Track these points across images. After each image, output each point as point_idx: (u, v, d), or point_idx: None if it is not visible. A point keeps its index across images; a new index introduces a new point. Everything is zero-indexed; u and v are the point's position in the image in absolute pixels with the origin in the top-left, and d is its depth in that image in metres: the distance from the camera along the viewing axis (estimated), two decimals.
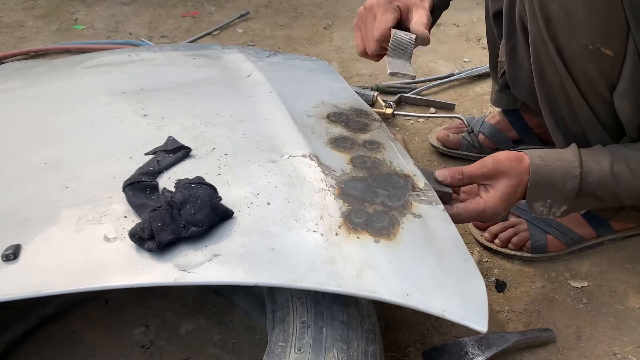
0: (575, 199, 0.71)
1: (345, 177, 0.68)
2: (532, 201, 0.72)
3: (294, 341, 0.56)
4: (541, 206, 0.73)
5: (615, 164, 0.70)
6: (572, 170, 0.70)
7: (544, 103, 0.79)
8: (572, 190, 0.71)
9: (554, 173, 0.70)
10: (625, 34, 0.64)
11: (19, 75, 1.08)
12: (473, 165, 0.72)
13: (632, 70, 0.66)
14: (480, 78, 1.48)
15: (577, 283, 0.89)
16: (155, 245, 0.54)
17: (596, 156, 0.71)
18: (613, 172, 0.70)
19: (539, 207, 0.73)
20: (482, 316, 0.52)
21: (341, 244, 0.57)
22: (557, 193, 0.71)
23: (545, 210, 0.73)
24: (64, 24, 1.89)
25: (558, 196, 0.72)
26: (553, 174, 0.70)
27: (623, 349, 0.78)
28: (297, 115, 0.80)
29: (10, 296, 0.51)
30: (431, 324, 0.82)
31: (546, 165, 0.71)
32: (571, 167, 0.70)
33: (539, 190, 0.71)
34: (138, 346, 0.78)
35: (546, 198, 0.72)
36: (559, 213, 0.73)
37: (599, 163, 0.70)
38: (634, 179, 0.70)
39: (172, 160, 0.68)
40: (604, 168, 0.70)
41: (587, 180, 0.70)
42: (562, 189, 0.71)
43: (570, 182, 0.70)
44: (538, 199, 0.72)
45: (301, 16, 1.94)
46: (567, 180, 0.70)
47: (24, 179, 0.68)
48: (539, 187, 0.71)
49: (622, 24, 0.63)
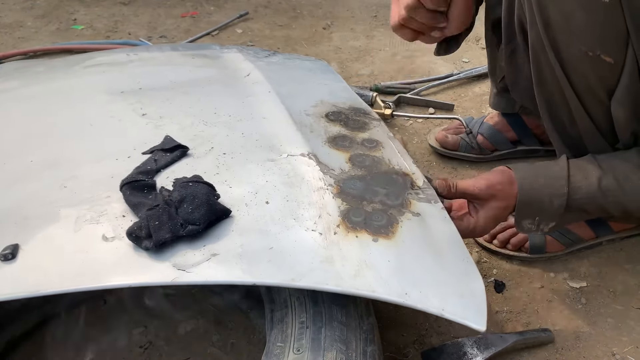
0: (563, 214, 0.73)
1: (344, 176, 0.68)
2: (520, 219, 0.74)
3: (292, 341, 0.56)
4: (529, 224, 0.74)
5: (603, 179, 0.71)
6: (559, 189, 0.71)
7: (543, 107, 0.79)
8: (559, 208, 0.72)
9: (542, 192, 0.72)
10: (625, 41, 0.64)
11: (18, 75, 1.08)
12: (467, 182, 0.74)
13: (629, 77, 0.66)
14: (479, 78, 1.48)
15: (576, 283, 0.89)
16: (153, 244, 0.54)
17: (584, 171, 0.72)
18: (601, 187, 0.71)
19: (527, 225, 0.74)
20: (481, 315, 0.52)
21: (340, 243, 0.57)
22: (545, 211, 0.72)
23: (533, 227, 0.75)
24: (63, 24, 1.88)
25: (546, 214, 0.73)
26: (541, 194, 0.72)
27: (622, 350, 0.78)
28: (296, 115, 0.80)
29: (9, 296, 0.51)
30: (430, 324, 0.82)
31: (534, 187, 0.72)
32: (559, 185, 0.71)
33: (527, 210, 0.73)
34: (136, 346, 0.78)
35: (534, 216, 0.73)
36: (547, 229, 0.75)
37: (587, 179, 0.71)
38: (622, 192, 0.71)
39: (169, 159, 0.68)
40: (592, 184, 0.71)
41: (575, 197, 0.71)
42: (550, 207, 0.72)
43: (558, 200, 0.71)
44: (526, 217, 0.74)
45: (300, 16, 1.94)
46: (554, 198, 0.71)
47: (23, 178, 0.68)
48: (527, 207, 0.72)
49: (622, 31, 0.63)
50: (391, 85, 1.43)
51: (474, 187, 0.73)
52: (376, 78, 1.51)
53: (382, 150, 0.74)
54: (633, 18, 0.61)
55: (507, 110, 1.13)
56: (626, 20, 0.62)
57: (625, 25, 0.62)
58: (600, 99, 0.71)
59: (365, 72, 1.55)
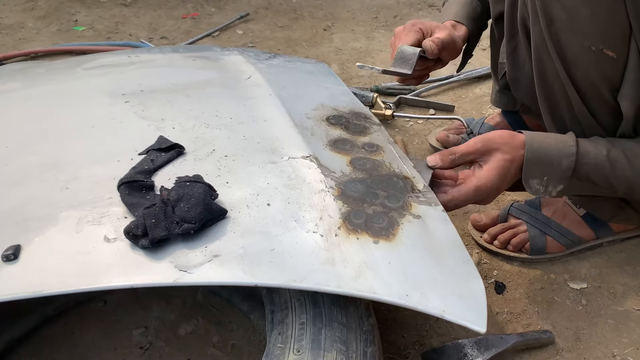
0: (571, 179, 0.72)
1: (344, 179, 0.68)
2: (528, 178, 0.72)
3: (292, 342, 0.56)
4: (537, 184, 0.73)
5: (612, 150, 0.71)
6: (568, 149, 0.71)
7: (544, 104, 0.79)
8: (567, 169, 0.71)
9: (550, 150, 0.71)
10: (628, 35, 0.64)
11: (19, 77, 1.08)
12: (465, 143, 0.73)
13: (634, 72, 0.67)
14: (479, 79, 1.49)
15: (577, 285, 0.89)
16: (149, 242, 0.54)
17: (593, 141, 0.72)
18: (610, 158, 0.71)
19: (536, 185, 0.73)
20: (481, 317, 0.52)
21: (341, 244, 0.57)
22: (554, 171, 0.71)
23: (541, 189, 0.73)
24: (64, 25, 1.89)
25: (554, 174, 0.72)
26: (549, 151, 0.71)
27: (622, 351, 0.78)
28: (297, 118, 0.81)
29: (10, 296, 0.51)
30: (430, 325, 0.82)
31: (542, 143, 0.71)
32: (567, 145, 0.71)
33: (535, 166, 0.71)
34: (137, 347, 0.78)
35: (542, 175, 0.72)
36: (555, 192, 0.73)
37: (596, 147, 0.71)
38: (630, 167, 0.71)
39: (165, 158, 0.69)
40: (601, 152, 0.71)
41: (584, 161, 0.71)
42: (558, 167, 0.71)
43: (566, 160, 0.71)
44: (534, 175, 0.72)
45: (301, 18, 1.94)
46: (563, 158, 0.71)
47: (24, 179, 0.68)
48: (535, 164, 0.71)
49: (625, 26, 0.63)
50: (392, 87, 1.43)
51: (475, 144, 0.71)
52: (377, 79, 1.52)
53: (382, 154, 0.75)
54: (636, 12, 0.62)
55: (509, 108, 1.13)
56: (629, 14, 0.62)
57: (628, 20, 0.63)
58: (602, 96, 0.71)
59: (366, 73, 1.55)
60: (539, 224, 0.92)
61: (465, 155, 0.72)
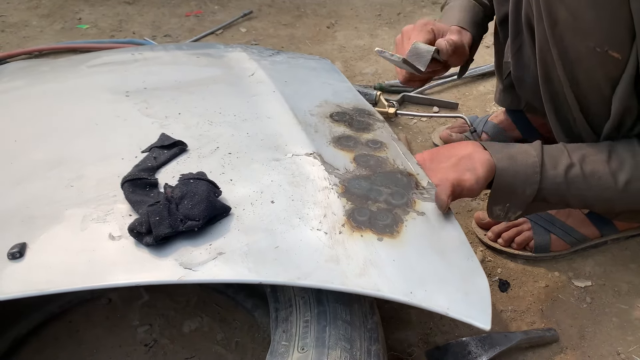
0: (530, 204, 0.72)
1: (348, 176, 0.68)
2: (492, 204, 0.73)
3: (297, 340, 0.56)
4: (499, 210, 0.73)
5: (571, 169, 0.70)
6: (533, 177, 0.70)
7: (549, 104, 0.79)
8: (530, 196, 0.71)
9: (518, 178, 0.70)
10: (632, 37, 0.64)
11: (23, 75, 1.08)
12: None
13: (630, 73, 0.66)
14: (483, 77, 1.48)
15: (581, 283, 0.88)
16: (153, 239, 0.54)
17: (555, 157, 0.71)
18: (567, 178, 0.70)
19: (497, 211, 0.73)
20: (486, 314, 0.52)
21: (345, 242, 0.57)
22: (517, 198, 0.71)
23: (502, 214, 0.73)
24: (67, 23, 1.89)
25: (517, 202, 0.72)
26: (516, 180, 0.70)
27: (627, 349, 0.78)
28: (301, 115, 0.81)
29: (16, 294, 0.52)
30: (434, 323, 0.82)
31: (510, 168, 0.70)
32: (533, 172, 0.70)
33: (500, 195, 0.71)
34: (141, 345, 0.79)
35: (505, 203, 0.72)
36: (513, 218, 0.74)
37: (555, 168, 0.70)
38: (586, 186, 0.70)
39: (168, 156, 0.69)
40: (559, 174, 0.70)
41: (543, 185, 0.70)
42: (522, 195, 0.71)
43: (530, 188, 0.70)
44: (498, 202, 0.72)
45: (304, 15, 1.94)
46: (527, 186, 0.70)
47: (29, 177, 0.68)
48: (501, 193, 0.71)
49: (630, 28, 0.63)
50: (395, 84, 1.43)
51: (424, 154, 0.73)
52: (380, 77, 1.51)
53: (386, 150, 0.74)
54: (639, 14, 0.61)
55: (513, 107, 1.12)
56: (633, 17, 0.62)
57: (632, 22, 0.62)
58: (604, 97, 0.71)
59: (369, 70, 1.55)
60: (543, 222, 0.92)
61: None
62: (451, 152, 0.72)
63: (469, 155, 0.69)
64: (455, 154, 0.71)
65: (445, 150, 0.73)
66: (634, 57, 0.65)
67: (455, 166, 0.69)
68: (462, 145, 0.72)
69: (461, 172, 0.67)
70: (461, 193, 0.67)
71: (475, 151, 0.70)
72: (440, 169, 0.70)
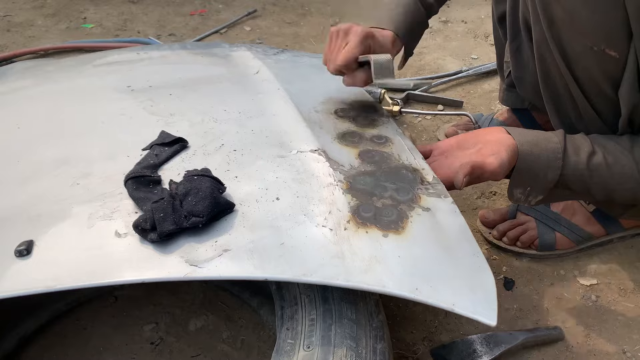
0: (552, 190, 0.72)
1: (353, 172, 0.68)
2: (513, 187, 0.73)
3: (302, 338, 0.56)
4: (520, 193, 0.73)
5: (593, 157, 0.70)
6: (556, 162, 0.70)
7: (549, 102, 0.79)
8: (551, 181, 0.71)
9: (540, 161, 0.70)
10: (630, 35, 0.64)
11: (29, 74, 1.09)
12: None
13: (631, 72, 0.66)
14: (488, 75, 1.48)
15: (586, 281, 0.88)
16: (157, 236, 0.54)
17: (577, 146, 0.71)
18: (590, 166, 0.70)
19: (518, 194, 0.73)
20: (492, 310, 0.52)
21: (350, 238, 0.57)
22: (539, 182, 0.71)
23: (522, 198, 0.74)
24: (73, 22, 1.90)
25: (538, 185, 0.72)
26: (538, 162, 0.70)
27: (632, 347, 0.78)
28: (305, 111, 0.81)
29: (23, 291, 0.52)
30: (439, 321, 0.82)
31: (532, 153, 0.71)
32: (556, 157, 0.70)
33: (521, 178, 0.71)
34: (148, 342, 0.79)
35: (526, 186, 0.72)
36: (534, 202, 0.74)
37: (579, 154, 0.70)
38: (609, 174, 0.70)
39: (169, 153, 0.69)
40: (582, 160, 0.70)
41: (565, 171, 0.70)
42: (544, 178, 0.71)
43: (552, 173, 0.70)
44: (519, 185, 0.72)
45: (308, 14, 1.94)
46: (549, 171, 0.70)
47: (36, 176, 0.69)
48: (523, 175, 0.71)
49: (626, 26, 0.63)
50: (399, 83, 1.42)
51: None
52: None
53: (391, 146, 0.74)
54: (636, 14, 0.61)
55: (517, 106, 1.12)
56: (628, 15, 0.62)
57: (628, 20, 0.62)
58: (605, 93, 0.70)
59: None
60: (548, 220, 0.91)
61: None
62: (477, 138, 0.72)
63: (494, 141, 0.70)
64: (481, 140, 0.72)
65: (471, 136, 0.73)
66: (633, 55, 0.65)
67: (479, 151, 0.70)
68: (488, 131, 0.73)
69: (485, 156, 0.68)
70: (482, 175, 0.68)
71: (500, 136, 0.71)
72: (466, 155, 0.71)
